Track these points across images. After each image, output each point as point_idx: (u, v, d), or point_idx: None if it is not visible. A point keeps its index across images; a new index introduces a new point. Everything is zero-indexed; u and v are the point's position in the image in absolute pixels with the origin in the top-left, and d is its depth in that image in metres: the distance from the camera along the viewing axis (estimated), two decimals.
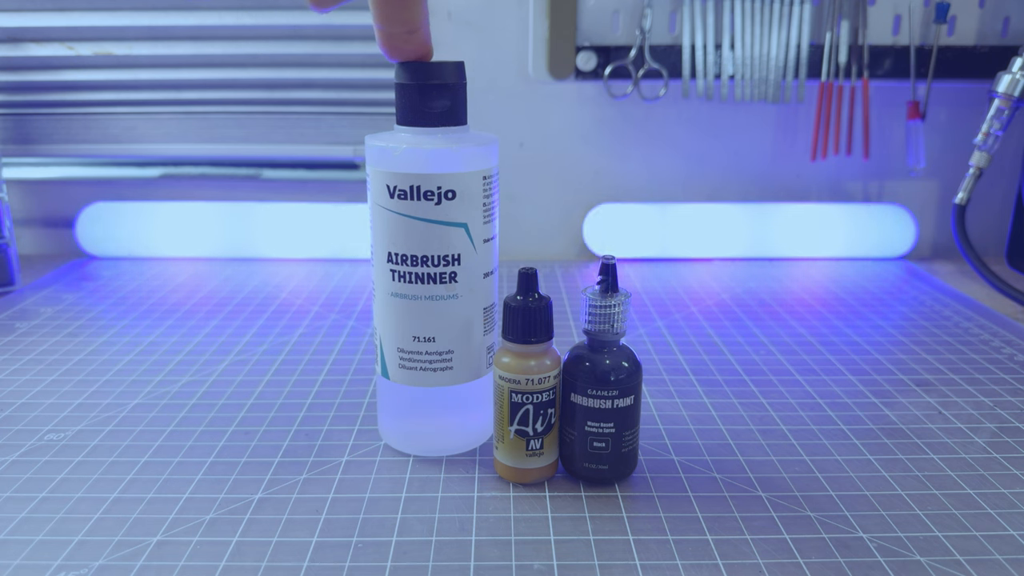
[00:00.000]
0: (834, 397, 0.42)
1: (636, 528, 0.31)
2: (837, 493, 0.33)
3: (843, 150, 0.68)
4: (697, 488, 0.33)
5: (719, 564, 0.28)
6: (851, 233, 0.70)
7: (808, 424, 0.39)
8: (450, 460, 0.36)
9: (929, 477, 0.34)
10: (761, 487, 0.33)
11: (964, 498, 0.33)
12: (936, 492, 0.33)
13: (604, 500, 0.32)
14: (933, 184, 0.74)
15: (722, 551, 0.29)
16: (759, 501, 0.32)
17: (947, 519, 0.31)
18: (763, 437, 0.38)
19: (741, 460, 0.36)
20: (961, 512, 0.32)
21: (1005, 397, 0.43)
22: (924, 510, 0.32)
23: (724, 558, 0.29)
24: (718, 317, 0.55)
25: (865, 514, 0.31)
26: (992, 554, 0.29)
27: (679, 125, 0.71)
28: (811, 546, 0.29)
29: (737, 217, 0.70)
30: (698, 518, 0.31)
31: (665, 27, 0.67)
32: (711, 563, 0.28)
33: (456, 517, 0.31)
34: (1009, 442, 0.38)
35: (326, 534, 0.30)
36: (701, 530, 0.30)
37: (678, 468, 0.35)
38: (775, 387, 0.44)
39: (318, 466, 0.35)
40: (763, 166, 0.73)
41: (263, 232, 0.69)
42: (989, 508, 0.32)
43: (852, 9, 0.66)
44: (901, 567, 0.28)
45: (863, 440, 0.38)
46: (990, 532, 0.30)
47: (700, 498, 0.33)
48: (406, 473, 0.35)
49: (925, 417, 0.40)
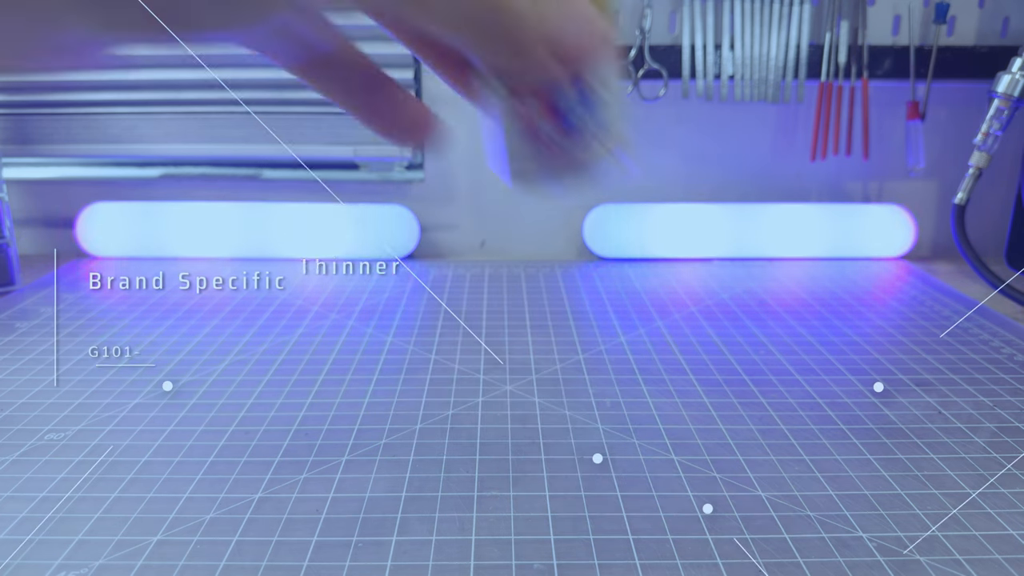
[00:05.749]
0: (834, 397, 0.42)
1: (636, 528, 0.31)
2: (837, 493, 0.33)
3: (843, 150, 0.68)
4: (697, 488, 0.33)
5: (719, 564, 0.28)
6: (851, 233, 0.70)
7: (808, 424, 0.39)
8: (450, 460, 0.36)
9: (929, 477, 0.34)
10: (761, 487, 0.33)
11: (964, 498, 0.33)
12: (936, 492, 0.33)
13: (604, 500, 0.32)
14: (933, 184, 0.74)
15: (722, 551, 0.29)
16: (759, 501, 0.32)
17: (947, 519, 0.31)
18: (763, 437, 0.38)
19: (741, 460, 0.36)
20: (961, 512, 0.32)
21: (1005, 397, 0.43)
22: (924, 510, 0.32)
23: (724, 558, 0.29)
24: (718, 317, 0.55)
25: (865, 514, 0.31)
26: (992, 554, 0.29)
27: (679, 125, 0.71)
28: (811, 546, 0.29)
29: (737, 217, 0.70)
30: (698, 518, 0.31)
31: (665, 27, 0.67)
32: (711, 563, 0.28)
33: (456, 517, 0.31)
34: (1009, 442, 0.38)
35: (326, 534, 0.30)
36: (701, 530, 0.30)
37: (678, 468, 0.35)
38: (775, 387, 0.44)
39: (318, 466, 0.35)
40: (763, 166, 0.73)
41: (263, 232, 0.69)
42: (989, 508, 0.32)
43: (852, 9, 0.66)
44: (901, 567, 0.28)
45: (863, 440, 0.38)
46: (990, 532, 0.30)
47: (700, 498, 0.33)
48: (406, 473, 0.35)
49: (925, 417, 0.40)
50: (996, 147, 0.61)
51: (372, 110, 0.23)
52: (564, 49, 0.20)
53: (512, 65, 0.20)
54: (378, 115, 0.23)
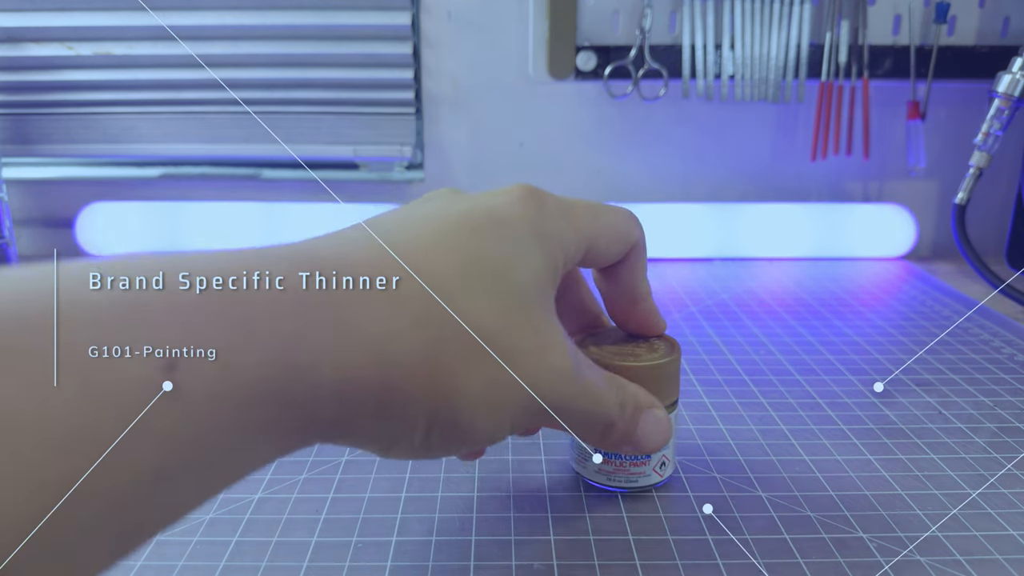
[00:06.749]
0: (834, 397, 0.42)
1: (636, 528, 0.31)
2: (837, 493, 0.33)
3: (843, 150, 0.68)
4: (697, 488, 0.33)
5: (719, 564, 0.28)
6: (851, 233, 0.70)
7: (808, 424, 0.39)
8: (450, 460, 0.36)
9: (929, 477, 0.34)
10: (761, 487, 0.33)
11: (964, 498, 0.33)
12: (936, 492, 0.33)
13: (604, 500, 0.32)
14: (933, 184, 0.74)
15: (722, 551, 0.29)
16: (759, 501, 0.32)
17: (947, 519, 0.31)
18: (763, 437, 0.38)
19: (741, 460, 0.36)
20: (961, 512, 0.32)
21: (1005, 397, 0.43)
22: (924, 510, 0.32)
23: (724, 558, 0.29)
24: (718, 317, 0.55)
25: (865, 514, 0.31)
26: (992, 554, 0.29)
27: (679, 125, 0.71)
28: (811, 546, 0.29)
29: (737, 217, 0.70)
30: (698, 518, 0.31)
31: (665, 27, 0.67)
32: (711, 563, 0.28)
33: (456, 517, 0.31)
34: (1009, 442, 0.38)
35: (326, 534, 0.30)
36: (701, 530, 0.30)
37: (678, 468, 0.35)
38: (775, 387, 0.44)
39: (318, 466, 0.35)
40: (763, 166, 0.73)
41: (263, 232, 0.69)
42: (989, 508, 0.32)
43: (852, 9, 0.66)
44: (901, 567, 0.28)
45: (863, 440, 0.38)
46: (990, 532, 0.30)
47: (700, 498, 0.33)
48: (406, 473, 0.35)
49: (925, 417, 0.40)
50: (996, 147, 0.61)
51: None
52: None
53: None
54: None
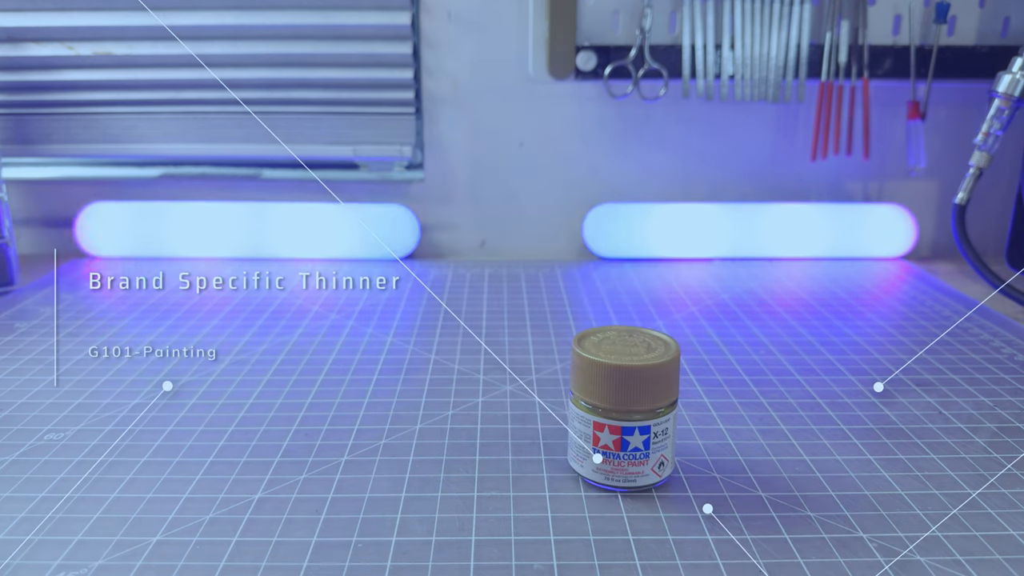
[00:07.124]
0: (834, 397, 0.42)
1: (636, 528, 0.31)
2: (837, 493, 0.33)
3: (843, 150, 0.68)
4: (697, 488, 0.33)
5: (719, 564, 0.28)
6: (851, 233, 0.70)
7: (808, 424, 0.39)
8: (450, 460, 0.36)
9: (929, 477, 0.34)
10: (761, 487, 0.33)
11: (964, 498, 0.33)
12: (936, 492, 0.33)
13: (604, 500, 0.32)
14: (933, 184, 0.74)
15: (722, 551, 0.29)
16: (759, 501, 0.32)
17: (947, 519, 0.31)
18: (763, 437, 0.38)
19: (741, 460, 0.36)
20: (961, 512, 0.32)
21: (1005, 397, 0.43)
22: (924, 510, 0.32)
23: (724, 558, 0.29)
24: (718, 317, 0.55)
25: (865, 514, 0.31)
26: (992, 554, 0.29)
27: (679, 125, 0.71)
28: (811, 546, 0.29)
29: (737, 217, 0.70)
30: (698, 518, 0.31)
31: (665, 27, 0.67)
32: (711, 563, 0.28)
33: (456, 517, 0.31)
34: (1009, 442, 0.38)
35: (326, 534, 0.30)
36: (701, 530, 0.30)
37: (678, 468, 0.35)
38: (775, 387, 0.44)
39: (318, 466, 0.35)
40: (763, 166, 0.73)
41: (263, 232, 0.69)
42: (989, 508, 0.32)
43: (852, 9, 0.66)
44: (901, 567, 0.28)
45: (863, 440, 0.38)
46: (990, 532, 0.30)
47: (700, 498, 0.33)
48: (406, 473, 0.35)
49: (925, 417, 0.40)
50: (996, 147, 0.61)
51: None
52: None
53: None
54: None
